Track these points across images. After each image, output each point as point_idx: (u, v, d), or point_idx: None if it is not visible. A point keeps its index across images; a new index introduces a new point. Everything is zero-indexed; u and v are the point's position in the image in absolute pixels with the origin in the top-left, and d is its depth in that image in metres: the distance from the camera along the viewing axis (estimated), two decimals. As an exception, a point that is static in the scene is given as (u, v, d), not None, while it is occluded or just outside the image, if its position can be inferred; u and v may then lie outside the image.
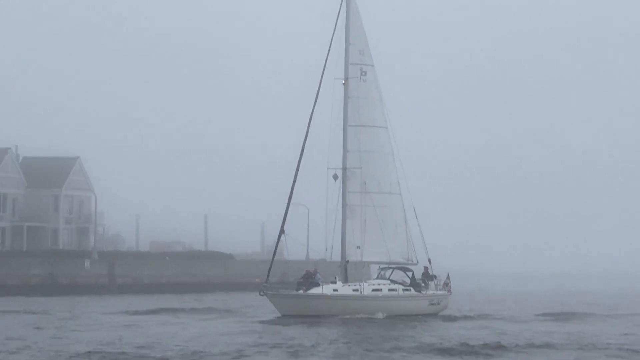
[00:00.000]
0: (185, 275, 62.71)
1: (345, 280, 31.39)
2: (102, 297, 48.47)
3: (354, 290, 30.81)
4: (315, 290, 30.26)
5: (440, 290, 32.88)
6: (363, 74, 32.78)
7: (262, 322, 28.38)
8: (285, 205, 31.91)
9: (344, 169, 31.79)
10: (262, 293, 31.12)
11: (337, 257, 32.21)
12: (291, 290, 32.32)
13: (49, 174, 74.51)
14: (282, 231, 32.52)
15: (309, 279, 31.77)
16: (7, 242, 68.15)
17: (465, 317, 32.28)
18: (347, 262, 32.05)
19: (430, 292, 32.29)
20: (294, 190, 31.74)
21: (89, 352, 13.11)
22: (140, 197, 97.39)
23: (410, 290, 31.65)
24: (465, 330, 24.04)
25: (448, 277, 33.72)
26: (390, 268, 32.92)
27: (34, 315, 31.18)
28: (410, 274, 32.50)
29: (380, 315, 29.67)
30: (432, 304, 32.19)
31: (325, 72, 31.46)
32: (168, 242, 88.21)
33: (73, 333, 21.97)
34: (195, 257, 71.12)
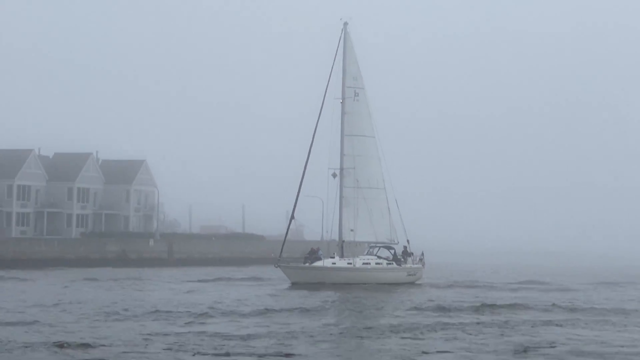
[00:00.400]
0: (227, 251, 69.04)
1: (342, 256, 35.86)
2: (162, 269, 53.57)
3: (348, 263, 35.36)
4: (317, 264, 34.93)
5: (415, 264, 37.27)
6: (356, 95, 37.66)
7: (280, 289, 32.57)
8: (295, 197, 36.67)
9: (341, 169, 36.48)
10: (276, 265, 36.17)
11: (335, 238, 36.89)
12: (299, 263, 36.64)
13: (123, 174, 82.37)
14: (292, 217, 38.06)
15: (313, 255, 36.16)
16: (90, 226, 75.63)
17: (433, 285, 36.48)
18: (343, 241, 36.45)
19: (408, 265, 36.72)
20: (302, 185, 36.49)
21: (156, 309, 18.38)
22: (192, 190, 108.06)
23: (392, 264, 36.27)
24: (437, 293, 29.59)
25: (422, 254, 38.22)
26: (377, 246, 37.50)
27: (115, 281, 35.67)
28: (392, 251, 36.99)
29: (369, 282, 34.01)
30: (410, 275, 36.55)
31: (327, 93, 36.33)
32: (214, 225, 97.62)
33: (147, 293, 27.94)
34: (235, 237, 79.97)
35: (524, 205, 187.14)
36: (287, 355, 8.91)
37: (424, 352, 10.05)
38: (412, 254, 37.61)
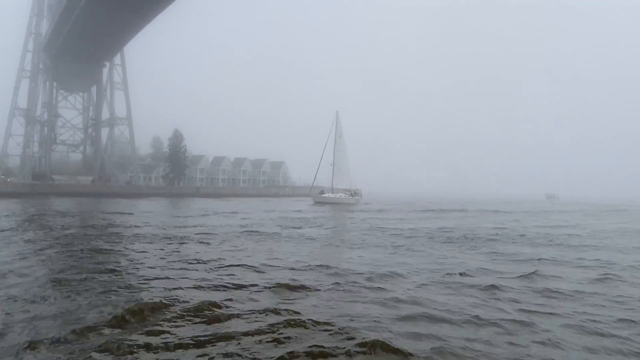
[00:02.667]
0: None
1: (332, 193, 64.21)
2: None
3: (337, 195, 63.33)
4: (324, 195, 63.31)
5: (358, 196, 66.42)
6: (339, 136, 67.25)
7: (308, 205, 55.00)
8: (316, 170, 67.34)
9: (333, 163, 65.49)
10: (310, 195, 69.72)
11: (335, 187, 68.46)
12: (318, 194, 64.25)
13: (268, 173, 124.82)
14: (314, 179, 72.70)
15: (322, 192, 64.87)
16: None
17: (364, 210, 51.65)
18: (333, 188, 65.28)
19: (355, 197, 65.45)
20: (319, 169, 66.84)
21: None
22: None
23: (351, 196, 64.97)
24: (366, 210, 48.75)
25: (360, 192, 68.14)
26: (347, 191, 65.54)
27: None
28: (353, 192, 67.33)
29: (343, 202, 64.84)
30: (356, 201, 64.25)
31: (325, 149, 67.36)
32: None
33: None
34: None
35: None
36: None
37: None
38: (357, 192, 67.58)
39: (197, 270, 10.75)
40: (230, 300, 7.63)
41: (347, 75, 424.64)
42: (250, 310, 7.04)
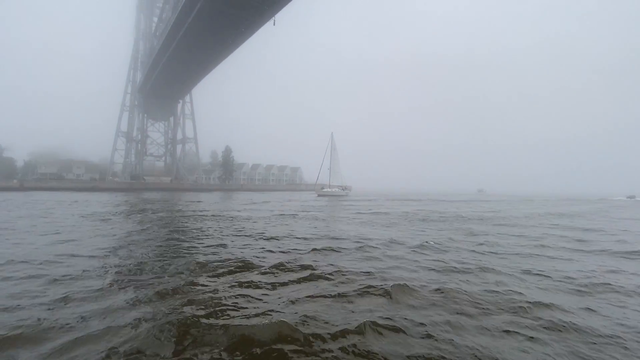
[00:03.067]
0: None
1: (330, 188, 60.63)
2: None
3: (333, 190, 60.30)
4: (324, 190, 59.39)
5: (347, 190, 65.39)
6: (334, 149, 68.11)
7: (314, 197, 51.53)
8: (318, 172, 73.25)
9: (330, 167, 65.39)
10: (314, 190, 72.06)
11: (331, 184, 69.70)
12: (320, 189, 60.33)
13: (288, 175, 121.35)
14: (317, 178, 78.57)
15: (323, 187, 65.89)
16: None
17: (353, 196, 56.97)
18: (330, 185, 61.48)
19: (346, 191, 63.61)
20: (320, 172, 68.73)
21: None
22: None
23: (343, 190, 62.51)
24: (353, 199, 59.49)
25: (350, 187, 70.18)
26: (338, 186, 62.33)
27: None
28: (343, 187, 66.91)
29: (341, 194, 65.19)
30: (346, 194, 61.94)
31: (324, 159, 72.48)
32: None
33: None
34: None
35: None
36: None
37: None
38: (347, 187, 66.06)
39: (248, 236, 10.63)
40: (279, 259, 7.28)
41: (344, 106, 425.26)
42: (296, 266, 6.77)
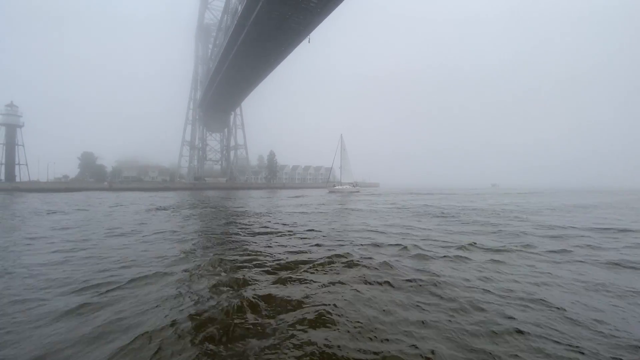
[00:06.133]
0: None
1: (341, 185, 54.43)
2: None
3: (344, 187, 52.50)
4: (335, 187, 52.75)
5: (357, 187, 55.22)
6: (344, 150, 61.37)
7: (325, 193, 47.87)
8: (330, 170, 65.12)
9: (341, 166, 56.12)
10: (325, 187, 70.16)
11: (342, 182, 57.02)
12: (332, 187, 55.46)
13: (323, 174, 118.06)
14: (328, 177, 77.09)
15: (334, 185, 56.71)
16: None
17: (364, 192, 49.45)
18: (341, 182, 55.77)
19: (356, 188, 54.12)
20: (332, 170, 63.74)
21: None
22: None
23: (354, 187, 53.67)
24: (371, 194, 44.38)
25: (359, 184, 61.34)
26: (350, 183, 55.13)
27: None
28: (354, 184, 55.28)
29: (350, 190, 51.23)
30: (357, 190, 52.29)
31: (334, 159, 57.07)
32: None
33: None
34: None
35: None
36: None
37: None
38: (357, 184, 57.59)
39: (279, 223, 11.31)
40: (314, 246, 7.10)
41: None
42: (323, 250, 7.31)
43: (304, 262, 5.60)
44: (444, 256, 6.18)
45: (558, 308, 3.74)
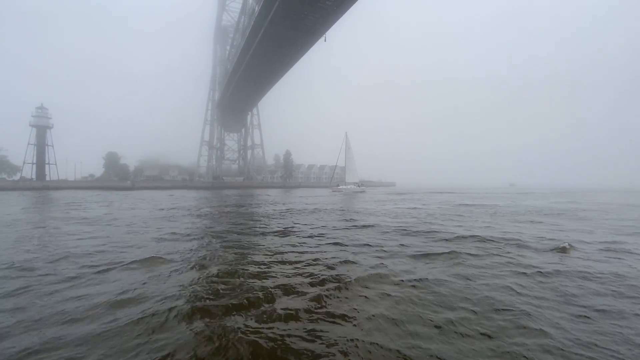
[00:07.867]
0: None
1: (346, 185, 52.76)
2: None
3: (348, 187, 50.92)
4: (339, 187, 50.72)
5: (362, 187, 53.53)
6: (348, 148, 54.38)
7: (329, 193, 45.12)
8: (334, 169, 70.86)
9: (345, 165, 55.10)
10: (329, 187, 69.72)
11: (344, 180, 55.07)
12: (335, 187, 54.46)
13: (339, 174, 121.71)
14: (332, 177, 74.09)
15: (338, 185, 54.81)
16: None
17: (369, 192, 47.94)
18: (346, 181, 54.44)
19: (362, 187, 52.63)
20: (335, 169, 66.37)
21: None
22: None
23: (359, 187, 52.19)
24: (368, 192, 52.24)
25: (363, 184, 59.80)
26: (354, 183, 53.56)
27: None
28: (359, 183, 54.18)
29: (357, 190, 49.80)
30: (362, 190, 50.76)
31: (339, 158, 55.23)
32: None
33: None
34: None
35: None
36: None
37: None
38: (362, 184, 56.80)
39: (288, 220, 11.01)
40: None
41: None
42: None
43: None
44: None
45: None
